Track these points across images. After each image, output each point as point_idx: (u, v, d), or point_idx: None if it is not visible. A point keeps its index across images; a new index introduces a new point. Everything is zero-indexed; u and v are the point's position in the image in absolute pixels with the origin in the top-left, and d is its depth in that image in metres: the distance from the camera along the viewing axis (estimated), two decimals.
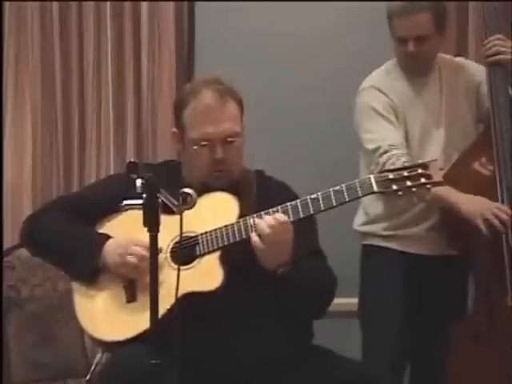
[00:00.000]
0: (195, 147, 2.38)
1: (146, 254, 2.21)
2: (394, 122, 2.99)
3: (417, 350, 3.17)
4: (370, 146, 2.95)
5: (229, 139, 2.38)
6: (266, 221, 2.23)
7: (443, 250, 3.02)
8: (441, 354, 3.01)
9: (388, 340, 3.04)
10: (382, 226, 3.10)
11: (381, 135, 2.95)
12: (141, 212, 1.96)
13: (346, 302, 2.73)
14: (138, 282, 2.32)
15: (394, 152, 2.86)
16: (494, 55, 2.96)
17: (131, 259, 2.29)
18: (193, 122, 2.39)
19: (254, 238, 2.24)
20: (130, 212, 2.13)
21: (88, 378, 3.09)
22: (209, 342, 2.26)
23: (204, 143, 2.37)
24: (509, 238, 2.83)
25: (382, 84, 3.04)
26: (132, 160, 2.02)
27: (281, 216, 2.24)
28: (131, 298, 2.32)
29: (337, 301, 2.42)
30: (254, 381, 2.25)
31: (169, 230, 2.02)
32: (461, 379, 2.91)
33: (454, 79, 3.08)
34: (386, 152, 2.87)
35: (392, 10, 2.95)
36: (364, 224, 3.16)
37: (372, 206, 3.10)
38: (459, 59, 3.20)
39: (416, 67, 3.04)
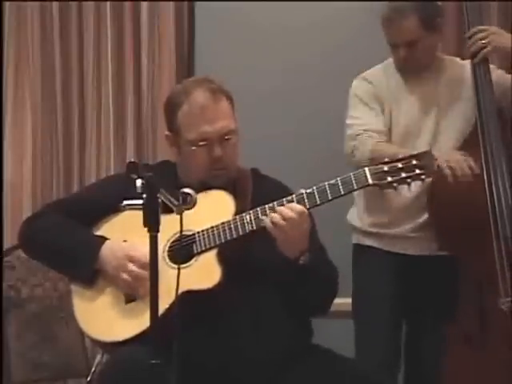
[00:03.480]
0: (193, 148, 2.38)
1: (141, 272, 2.25)
2: (375, 109, 3.00)
3: (409, 350, 3.17)
4: (348, 132, 2.98)
5: (225, 137, 2.38)
6: (282, 212, 2.22)
7: (431, 249, 3.01)
8: (432, 354, 3.01)
9: (378, 341, 3.04)
10: (368, 220, 3.09)
11: (360, 121, 2.98)
12: (138, 212, 1.96)
13: (340, 302, 2.71)
14: None
15: (365, 135, 2.90)
16: (478, 51, 2.92)
17: (126, 277, 2.30)
18: (188, 122, 2.39)
19: (272, 229, 2.21)
20: (127, 212, 2.14)
21: (89, 379, 3.09)
22: (207, 341, 2.26)
23: (202, 143, 2.37)
24: (500, 237, 2.83)
25: (372, 76, 3.07)
26: (132, 160, 2.03)
27: (297, 206, 2.22)
28: (130, 298, 2.32)
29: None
30: (253, 379, 2.25)
31: (165, 228, 2.01)
32: (454, 381, 2.90)
33: (457, 83, 3.05)
34: (358, 135, 2.92)
35: (382, 16, 2.96)
36: (352, 214, 3.16)
37: (362, 196, 3.09)
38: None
39: (410, 69, 3.02)
